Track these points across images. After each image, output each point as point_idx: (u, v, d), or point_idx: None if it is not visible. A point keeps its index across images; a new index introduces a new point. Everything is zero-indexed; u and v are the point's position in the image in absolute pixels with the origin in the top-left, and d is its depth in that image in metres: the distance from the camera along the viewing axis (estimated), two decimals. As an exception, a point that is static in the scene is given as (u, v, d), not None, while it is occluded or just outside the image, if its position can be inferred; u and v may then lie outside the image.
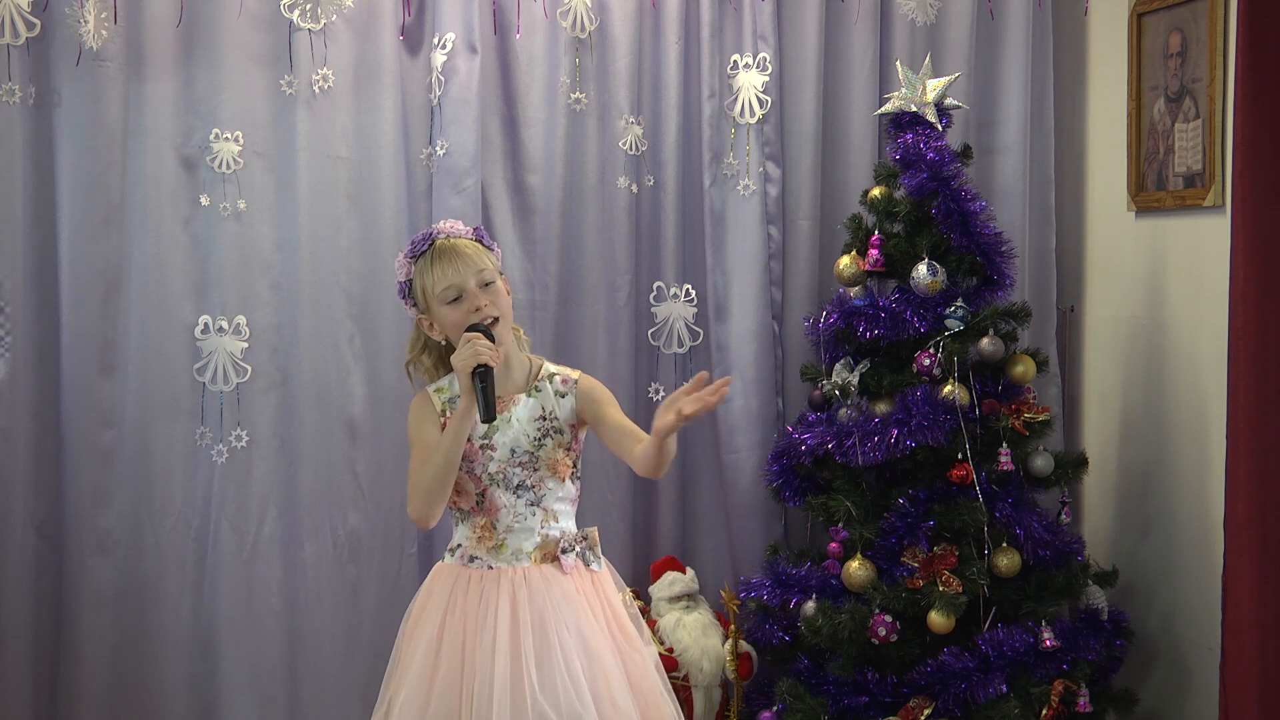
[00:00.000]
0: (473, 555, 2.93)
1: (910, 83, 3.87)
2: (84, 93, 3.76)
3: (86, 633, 3.82)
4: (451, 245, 2.92)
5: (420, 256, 2.94)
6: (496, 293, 2.92)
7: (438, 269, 2.90)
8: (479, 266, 2.91)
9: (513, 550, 2.91)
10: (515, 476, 2.91)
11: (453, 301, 2.89)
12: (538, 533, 2.92)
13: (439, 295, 2.90)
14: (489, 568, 2.90)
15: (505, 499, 2.91)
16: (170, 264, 3.85)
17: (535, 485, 2.92)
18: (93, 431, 3.81)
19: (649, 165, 4.14)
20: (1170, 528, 3.96)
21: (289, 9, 3.87)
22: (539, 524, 2.93)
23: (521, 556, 2.91)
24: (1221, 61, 3.70)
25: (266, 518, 3.90)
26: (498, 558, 2.91)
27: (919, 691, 3.67)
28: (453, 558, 2.96)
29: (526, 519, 2.92)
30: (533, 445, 2.93)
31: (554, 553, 2.93)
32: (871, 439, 3.70)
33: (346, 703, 3.92)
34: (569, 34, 4.05)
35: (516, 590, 2.87)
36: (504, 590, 2.87)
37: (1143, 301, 4.06)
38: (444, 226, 2.99)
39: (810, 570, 3.82)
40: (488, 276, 2.91)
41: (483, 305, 2.88)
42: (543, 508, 2.93)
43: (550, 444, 2.95)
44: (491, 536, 2.91)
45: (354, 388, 3.95)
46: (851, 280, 3.93)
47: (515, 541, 2.91)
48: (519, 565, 2.90)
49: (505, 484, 2.91)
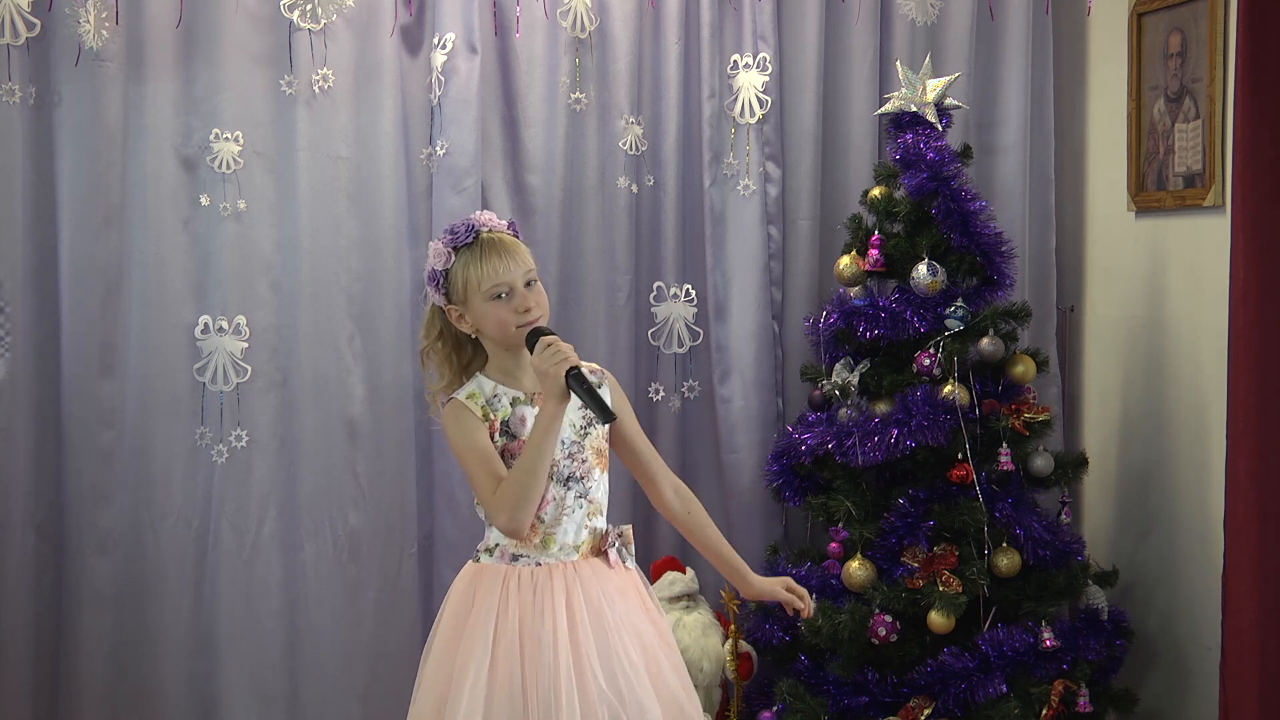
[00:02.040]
0: (516, 554, 2.85)
1: (910, 83, 3.87)
2: (84, 93, 3.76)
3: (86, 633, 3.82)
4: (500, 240, 2.83)
5: (465, 248, 2.83)
6: (539, 292, 2.85)
7: (488, 264, 2.80)
8: (527, 265, 2.83)
9: (561, 545, 2.85)
10: (566, 469, 2.86)
11: (497, 298, 2.80)
12: (585, 526, 2.88)
13: (485, 291, 2.80)
14: (538, 564, 2.84)
15: (555, 492, 2.84)
16: (170, 264, 3.85)
17: (584, 476, 2.88)
18: (93, 431, 3.81)
19: (649, 165, 4.14)
20: (1170, 528, 3.96)
21: (289, 9, 3.87)
22: (585, 517, 2.88)
23: (570, 551, 2.86)
24: (1221, 61, 3.70)
25: (266, 518, 3.90)
26: (545, 553, 2.85)
27: (919, 691, 3.67)
28: (491, 558, 2.87)
29: (575, 512, 2.86)
30: (579, 435, 2.88)
31: (601, 546, 2.90)
32: (871, 439, 3.70)
33: (346, 703, 3.92)
34: (569, 34, 4.05)
35: (570, 584, 2.82)
36: (558, 585, 2.81)
37: (1143, 301, 4.06)
38: (483, 218, 2.87)
39: (810, 570, 3.82)
40: (531, 276, 2.84)
41: (531, 306, 2.81)
42: (590, 500, 2.89)
43: (595, 433, 2.90)
44: (538, 532, 2.84)
45: (354, 387, 3.94)
46: (851, 280, 3.93)
47: (563, 536, 2.86)
48: (568, 560, 2.85)
49: (557, 477, 2.85)
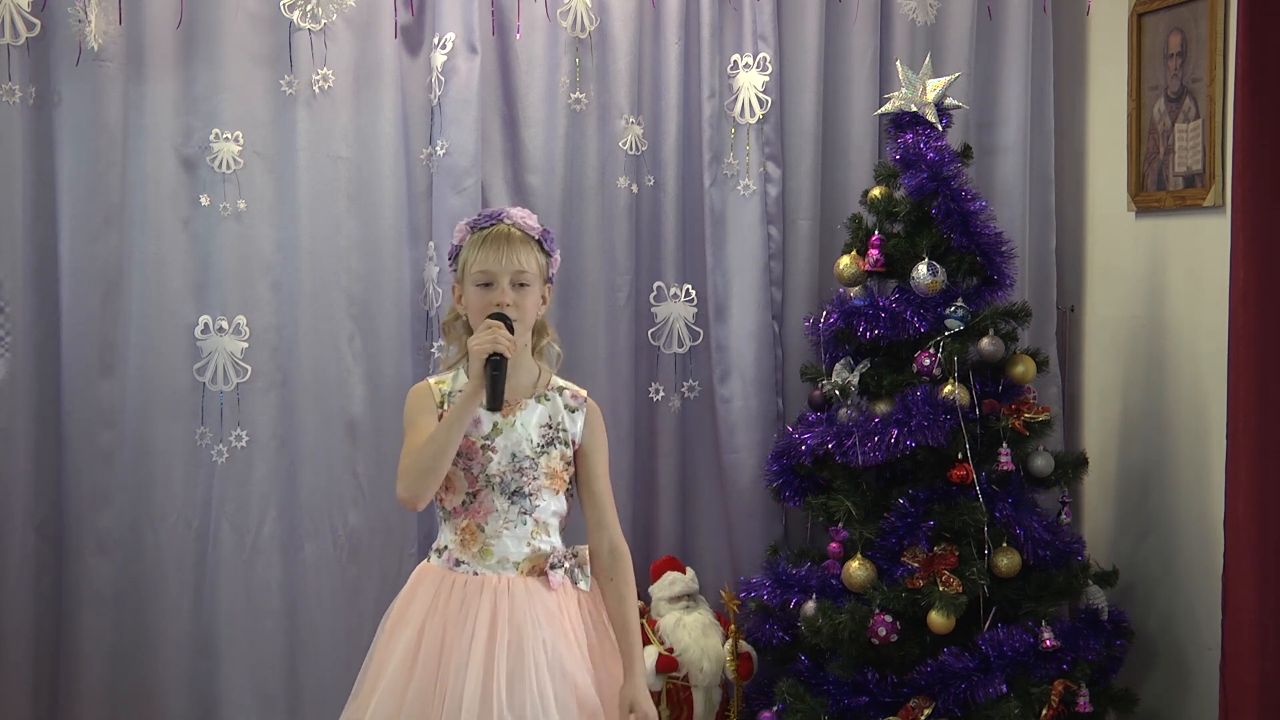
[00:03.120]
0: (459, 559, 2.89)
1: (910, 83, 3.87)
2: (84, 93, 3.76)
3: (86, 633, 3.82)
4: (507, 233, 2.90)
5: (479, 231, 2.93)
6: (526, 296, 2.89)
7: (483, 250, 2.89)
8: (520, 266, 2.88)
9: (499, 558, 2.87)
10: (513, 482, 2.88)
11: (482, 285, 2.88)
12: (528, 543, 2.89)
13: (474, 274, 2.89)
14: (474, 573, 2.87)
15: (499, 503, 2.87)
16: (170, 264, 3.85)
17: (532, 494, 2.89)
18: (93, 431, 3.81)
19: (649, 165, 4.14)
20: (1170, 528, 3.96)
21: (289, 9, 3.87)
22: (529, 534, 2.89)
23: (508, 565, 2.87)
24: (1221, 61, 3.70)
25: (266, 518, 3.90)
26: (484, 563, 2.87)
27: (919, 691, 3.67)
28: (439, 559, 2.92)
29: (516, 527, 2.88)
30: (535, 452, 2.90)
31: (543, 567, 2.89)
32: (871, 439, 3.70)
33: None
34: (569, 34, 4.05)
35: (499, 600, 2.83)
36: (486, 599, 2.83)
37: (1143, 301, 4.06)
38: (515, 214, 2.96)
39: (810, 570, 3.82)
40: (525, 279, 2.89)
41: (506, 303, 2.86)
42: (534, 518, 2.89)
43: (554, 454, 2.92)
44: (476, 540, 2.87)
45: (354, 387, 3.95)
46: (852, 280, 3.93)
47: (502, 549, 2.87)
48: (504, 574, 2.87)
49: (502, 488, 2.88)
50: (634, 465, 4.14)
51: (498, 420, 2.88)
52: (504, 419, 2.89)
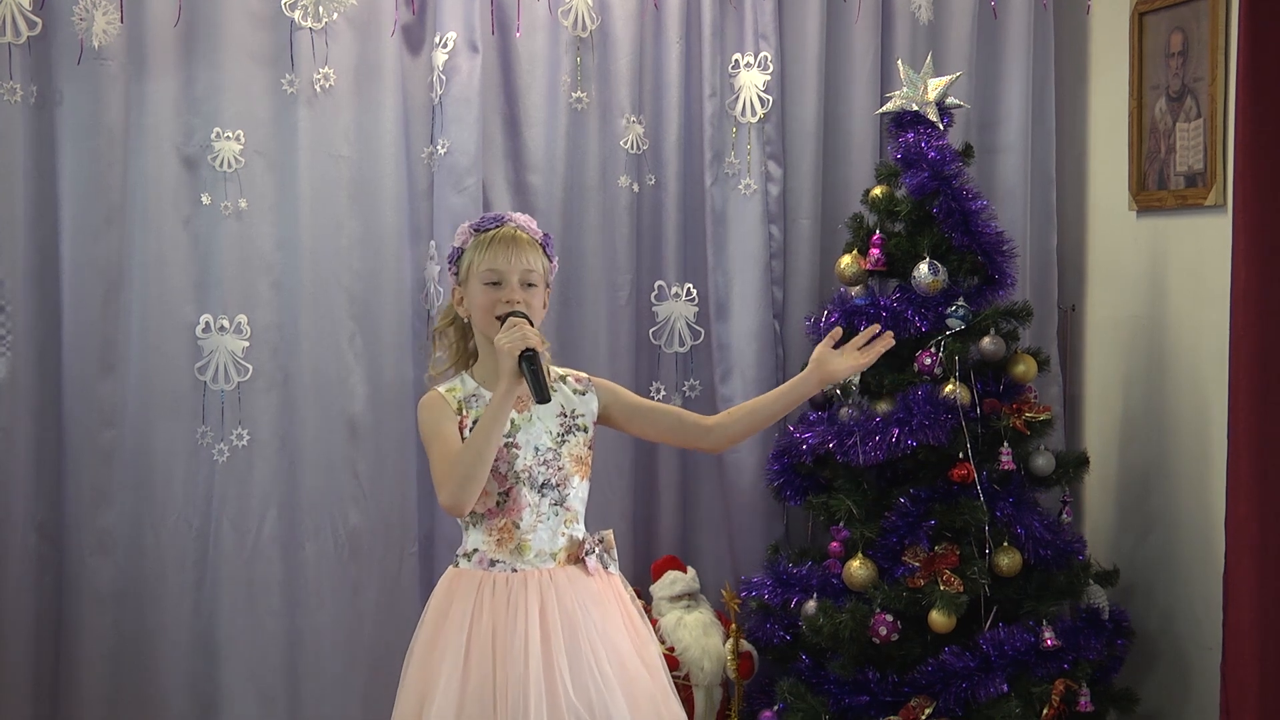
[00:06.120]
0: (493, 559, 2.89)
1: (911, 82, 3.87)
2: (85, 92, 3.76)
3: (87, 632, 3.82)
4: (514, 236, 2.93)
5: (483, 233, 2.94)
6: (534, 296, 2.92)
7: (490, 250, 2.90)
8: (528, 266, 2.91)
9: (536, 551, 2.89)
10: (540, 475, 2.89)
11: (490, 284, 2.89)
12: (561, 533, 2.91)
13: (481, 273, 2.90)
14: (513, 570, 2.87)
15: (530, 498, 2.88)
16: (171, 263, 3.84)
17: (560, 484, 2.91)
18: (93, 431, 3.81)
19: (650, 164, 4.14)
20: (1171, 527, 3.96)
21: (290, 8, 3.87)
22: (562, 524, 2.91)
23: (546, 558, 2.89)
24: (1223, 61, 3.70)
25: (267, 517, 3.90)
26: (521, 560, 2.88)
27: (920, 691, 3.67)
28: (469, 563, 2.91)
29: (550, 519, 2.90)
30: (555, 442, 2.92)
31: (578, 554, 2.92)
32: (873, 438, 3.70)
33: (346, 703, 3.92)
34: (570, 33, 4.05)
35: (544, 592, 2.85)
36: (532, 592, 2.85)
37: (1144, 301, 4.06)
38: (519, 218, 2.99)
39: (811, 569, 3.83)
40: (533, 279, 2.91)
41: (517, 300, 2.88)
42: (566, 507, 2.92)
43: (574, 441, 2.94)
44: (513, 538, 2.88)
45: (355, 387, 3.94)
46: (853, 279, 3.93)
47: (538, 543, 2.89)
48: (544, 567, 2.88)
49: (531, 482, 2.89)
50: (634, 464, 4.14)
51: (514, 417, 2.88)
52: (519, 415, 2.90)
